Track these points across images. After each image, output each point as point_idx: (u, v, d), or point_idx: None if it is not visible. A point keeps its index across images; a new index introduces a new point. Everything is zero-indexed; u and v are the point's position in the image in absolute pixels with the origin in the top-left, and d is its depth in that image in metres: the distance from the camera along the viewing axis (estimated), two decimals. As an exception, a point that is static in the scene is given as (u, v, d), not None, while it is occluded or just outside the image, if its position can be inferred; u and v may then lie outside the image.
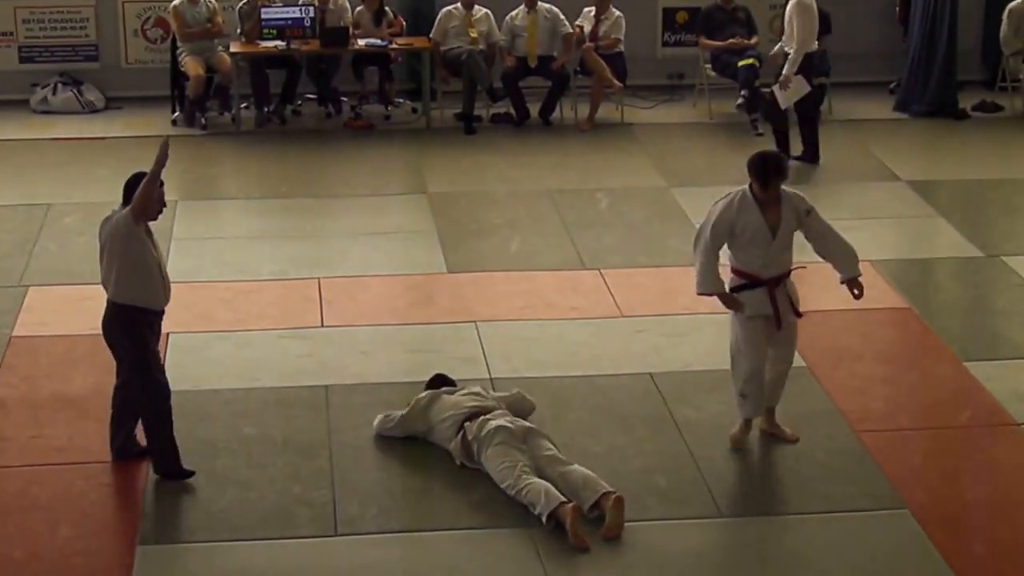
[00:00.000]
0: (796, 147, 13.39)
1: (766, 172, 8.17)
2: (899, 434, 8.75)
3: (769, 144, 13.93)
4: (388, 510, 7.91)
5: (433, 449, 8.42)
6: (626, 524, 7.70)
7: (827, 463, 8.39)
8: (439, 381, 8.74)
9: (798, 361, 9.50)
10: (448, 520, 7.85)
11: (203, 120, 14.44)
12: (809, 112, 13.51)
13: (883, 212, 12.43)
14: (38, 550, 7.48)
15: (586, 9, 14.73)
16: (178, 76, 14.49)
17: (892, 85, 15.60)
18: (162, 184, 7.90)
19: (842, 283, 8.48)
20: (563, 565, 7.43)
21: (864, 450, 8.50)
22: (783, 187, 8.27)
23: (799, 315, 8.44)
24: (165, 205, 8.02)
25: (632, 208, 12.43)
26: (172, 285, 10.76)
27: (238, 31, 14.50)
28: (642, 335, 9.92)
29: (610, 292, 10.63)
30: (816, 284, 10.73)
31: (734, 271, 8.37)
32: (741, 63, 14.51)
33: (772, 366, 8.43)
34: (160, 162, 7.68)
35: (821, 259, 8.51)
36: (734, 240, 8.26)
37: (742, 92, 14.50)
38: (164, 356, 9.55)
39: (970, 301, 10.94)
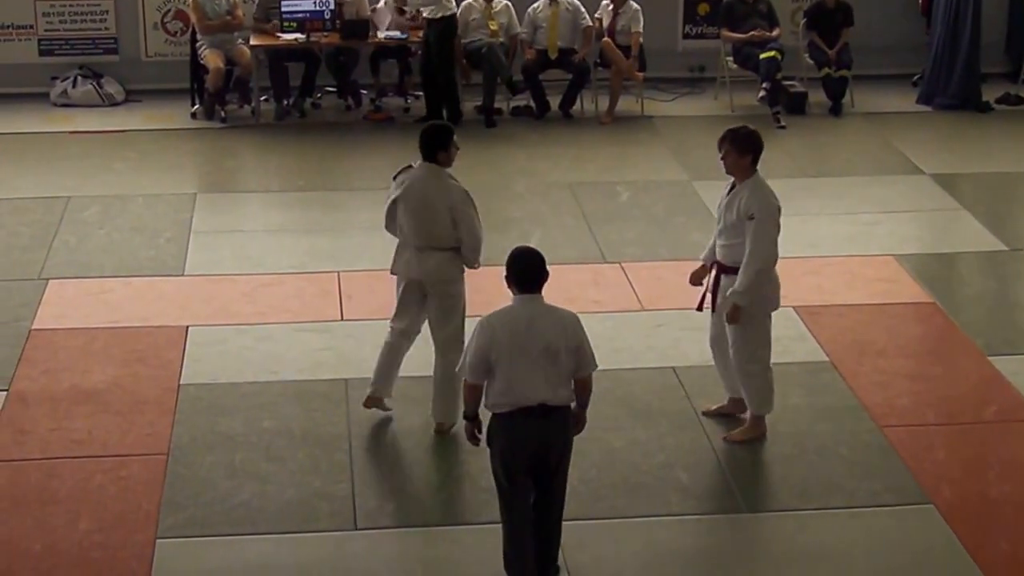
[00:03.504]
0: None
1: None
2: (924, 429, 8.68)
3: (781, 135, 13.95)
4: (408, 504, 7.87)
5: (453, 443, 8.38)
6: (646, 519, 7.68)
7: (851, 458, 8.33)
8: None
9: (821, 355, 9.49)
10: (468, 514, 7.81)
11: (223, 113, 14.41)
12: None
13: (906, 206, 12.35)
14: (57, 543, 7.46)
15: (604, 2, 14.66)
16: (198, 69, 14.46)
17: (915, 78, 15.50)
18: None
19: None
20: (584, 558, 7.38)
21: (888, 445, 8.43)
22: (755, 180, 8.21)
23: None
24: None
25: (653, 201, 12.37)
26: (192, 279, 10.85)
27: (254, 16, 14.44)
28: (663, 329, 9.86)
29: (631, 285, 10.57)
30: (839, 279, 10.70)
31: None
32: (763, 55, 14.44)
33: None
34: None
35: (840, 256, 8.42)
36: None
37: (764, 85, 14.44)
38: (184, 350, 9.55)
39: (994, 295, 10.87)
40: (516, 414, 6.82)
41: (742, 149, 8.19)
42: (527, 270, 6.94)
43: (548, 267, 7.03)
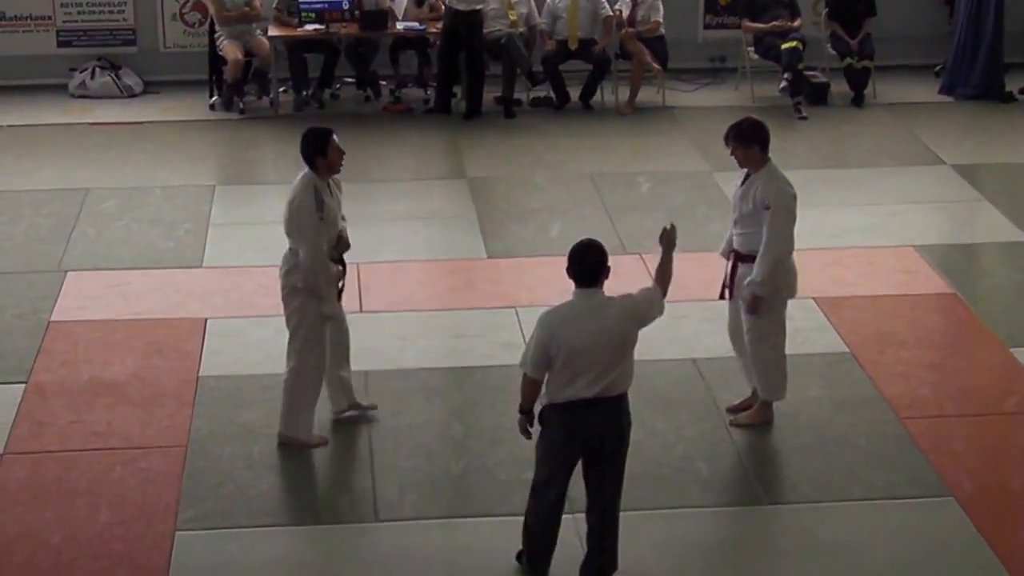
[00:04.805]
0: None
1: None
2: (944, 420, 8.64)
3: (803, 125, 13.90)
4: (428, 496, 7.86)
5: (472, 435, 8.37)
6: (666, 511, 7.66)
7: (871, 450, 8.30)
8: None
9: (841, 347, 9.45)
10: (487, 506, 7.80)
11: (241, 104, 14.41)
12: None
13: (928, 196, 12.29)
14: (76, 535, 7.47)
15: (624, -7, 14.64)
16: (216, 60, 14.45)
17: (937, 68, 15.42)
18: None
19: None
20: (604, 552, 7.36)
21: (909, 437, 8.40)
22: (769, 169, 8.28)
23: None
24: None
25: (674, 192, 12.33)
26: (210, 271, 10.83)
27: (275, 7, 14.43)
28: (683, 320, 9.82)
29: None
30: (859, 269, 10.66)
31: None
32: (784, 46, 14.37)
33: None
34: None
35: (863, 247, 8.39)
36: None
37: (785, 75, 14.38)
38: (202, 341, 9.55)
39: (1016, 286, 10.79)
40: (571, 405, 6.81)
41: (747, 141, 8.22)
42: (586, 264, 6.86)
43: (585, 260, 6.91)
